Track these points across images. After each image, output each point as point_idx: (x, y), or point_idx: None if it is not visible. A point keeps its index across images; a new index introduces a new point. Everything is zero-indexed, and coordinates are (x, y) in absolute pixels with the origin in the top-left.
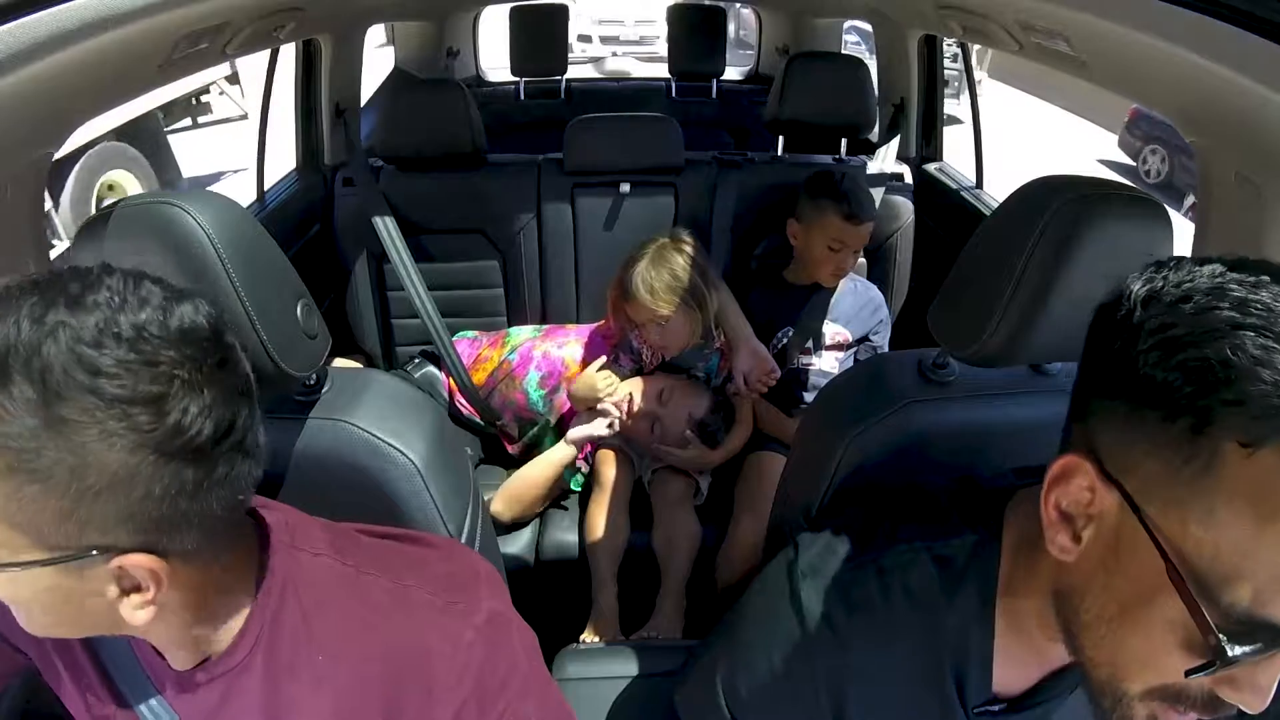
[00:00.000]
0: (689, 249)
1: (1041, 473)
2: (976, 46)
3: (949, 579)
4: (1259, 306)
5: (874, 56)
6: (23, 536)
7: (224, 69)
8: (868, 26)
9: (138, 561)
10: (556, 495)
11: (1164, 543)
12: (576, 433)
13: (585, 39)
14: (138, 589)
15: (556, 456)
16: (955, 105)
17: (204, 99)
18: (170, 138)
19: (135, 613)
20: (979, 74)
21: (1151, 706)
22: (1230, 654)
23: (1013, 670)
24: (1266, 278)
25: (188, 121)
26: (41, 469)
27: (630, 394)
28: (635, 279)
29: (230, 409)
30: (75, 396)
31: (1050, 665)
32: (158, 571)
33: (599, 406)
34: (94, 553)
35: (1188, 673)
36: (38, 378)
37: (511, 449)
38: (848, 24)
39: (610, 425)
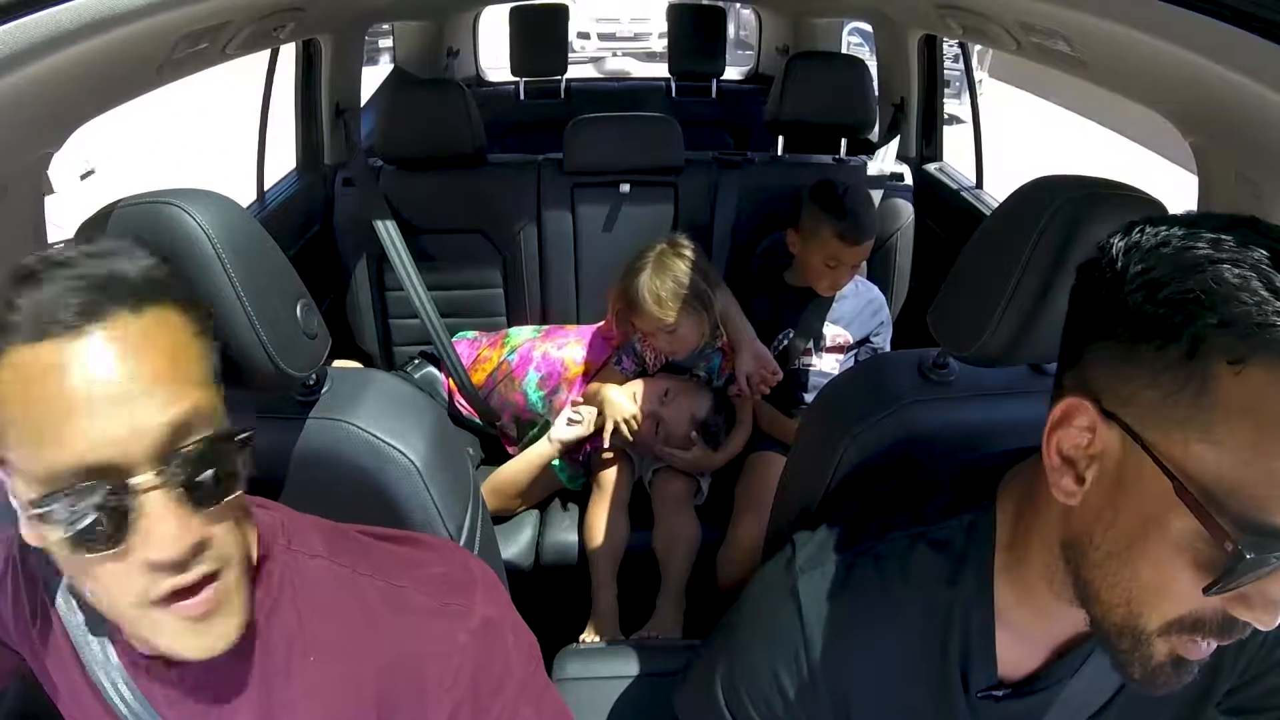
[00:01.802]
0: (689, 252)
1: (1030, 453)
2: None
3: (947, 561)
4: (1230, 244)
5: (875, 57)
6: (217, 393)
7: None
8: (869, 26)
9: None
10: (544, 493)
11: (1168, 463)
12: (560, 433)
13: (584, 35)
14: None
15: (537, 454)
16: (960, 106)
17: None
18: None
19: None
20: (979, 74)
21: (1171, 641)
22: (1248, 556)
23: (1018, 647)
24: (1232, 226)
25: None
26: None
27: (630, 418)
28: (641, 290)
29: None
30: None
31: (1056, 639)
32: None
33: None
34: None
35: (1207, 588)
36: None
37: (511, 449)
38: (849, 24)
39: (574, 421)
